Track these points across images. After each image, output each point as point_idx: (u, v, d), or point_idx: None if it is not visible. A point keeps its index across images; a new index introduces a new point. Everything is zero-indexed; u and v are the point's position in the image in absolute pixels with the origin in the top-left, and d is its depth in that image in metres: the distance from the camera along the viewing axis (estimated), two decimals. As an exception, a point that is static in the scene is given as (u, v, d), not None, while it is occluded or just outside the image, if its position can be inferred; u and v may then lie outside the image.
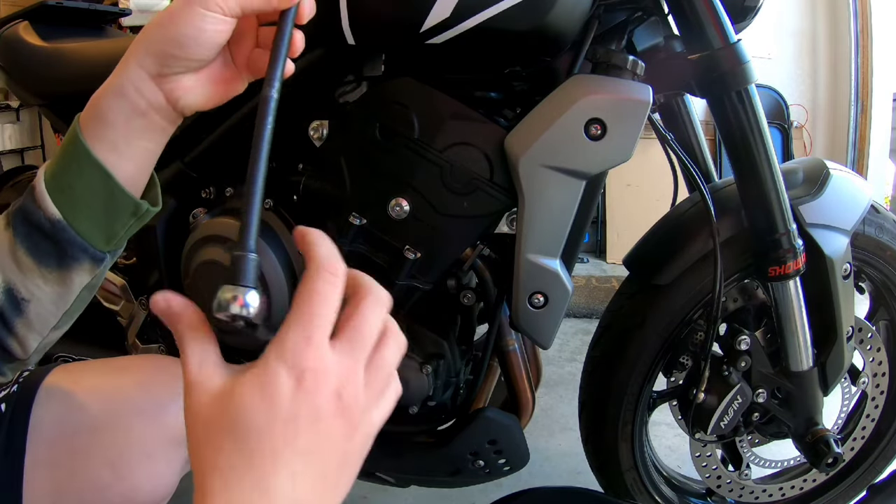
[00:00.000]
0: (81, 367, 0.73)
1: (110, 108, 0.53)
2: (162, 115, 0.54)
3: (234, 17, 0.50)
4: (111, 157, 0.52)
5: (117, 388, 0.69)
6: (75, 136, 0.52)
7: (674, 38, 0.92)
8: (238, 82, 0.56)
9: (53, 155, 0.54)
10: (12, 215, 0.53)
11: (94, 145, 0.51)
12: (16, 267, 0.52)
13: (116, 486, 0.66)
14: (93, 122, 0.52)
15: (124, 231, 0.55)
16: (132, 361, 0.80)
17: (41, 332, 0.55)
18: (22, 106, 3.07)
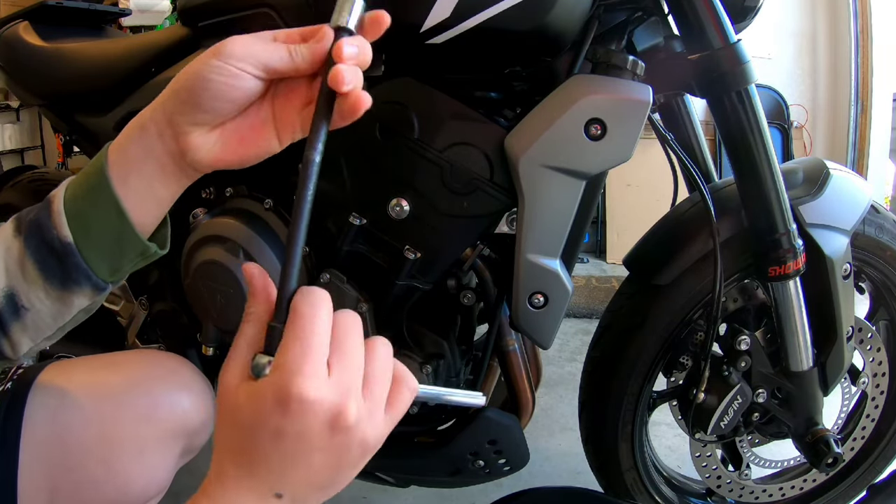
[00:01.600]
0: (75, 364, 0.74)
1: (132, 140, 0.52)
2: (176, 163, 0.53)
3: (255, 77, 0.47)
4: (130, 194, 0.52)
5: (110, 385, 0.69)
6: (101, 166, 0.51)
7: (674, 38, 0.92)
8: (270, 143, 0.52)
9: (80, 172, 0.53)
10: (26, 225, 0.53)
11: (116, 180, 0.51)
12: (21, 276, 0.52)
13: (111, 482, 0.66)
14: (119, 153, 0.52)
15: (130, 266, 0.55)
16: (125, 357, 0.80)
17: (34, 339, 0.55)
18: (22, 106, 3.07)
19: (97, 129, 1.07)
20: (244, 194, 0.96)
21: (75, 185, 0.53)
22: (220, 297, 0.91)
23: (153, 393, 0.71)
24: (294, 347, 0.38)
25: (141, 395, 0.70)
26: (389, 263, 0.85)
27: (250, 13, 0.87)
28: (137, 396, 0.69)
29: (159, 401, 0.70)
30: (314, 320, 0.39)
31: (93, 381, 0.69)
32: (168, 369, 0.75)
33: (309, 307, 0.40)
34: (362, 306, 0.86)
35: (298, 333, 0.38)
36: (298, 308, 0.40)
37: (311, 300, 0.40)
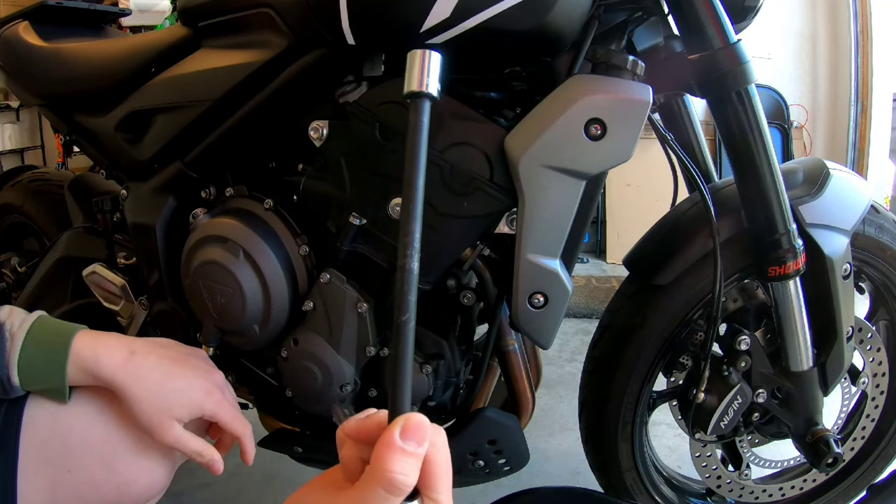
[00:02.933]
0: None
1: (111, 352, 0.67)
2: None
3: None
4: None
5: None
6: (66, 353, 0.64)
7: (674, 38, 0.92)
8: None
9: (42, 335, 0.65)
10: None
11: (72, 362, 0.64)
12: None
13: (111, 482, 0.66)
14: (90, 353, 0.66)
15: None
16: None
17: None
18: (22, 106, 3.07)
19: (97, 129, 1.07)
20: (244, 194, 0.96)
21: (34, 346, 0.64)
22: (220, 297, 0.91)
23: None
24: (447, 494, 0.40)
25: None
26: (389, 263, 0.85)
27: (250, 13, 0.87)
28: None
29: None
30: (449, 464, 0.41)
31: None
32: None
33: (446, 452, 0.42)
34: (362, 306, 0.86)
35: (448, 480, 0.41)
36: (440, 454, 0.41)
37: (444, 442, 0.42)
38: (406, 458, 0.38)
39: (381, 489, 0.37)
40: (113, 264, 1.12)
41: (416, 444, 0.39)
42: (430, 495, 0.40)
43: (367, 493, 0.38)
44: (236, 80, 0.88)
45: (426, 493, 0.40)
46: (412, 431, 0.39)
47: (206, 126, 0.93)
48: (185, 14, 0.97)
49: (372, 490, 0.38)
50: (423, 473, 0.39)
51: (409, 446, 0.38)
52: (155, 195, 1.02)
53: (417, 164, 0.45)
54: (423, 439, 0.39)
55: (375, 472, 0.38)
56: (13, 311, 0.66)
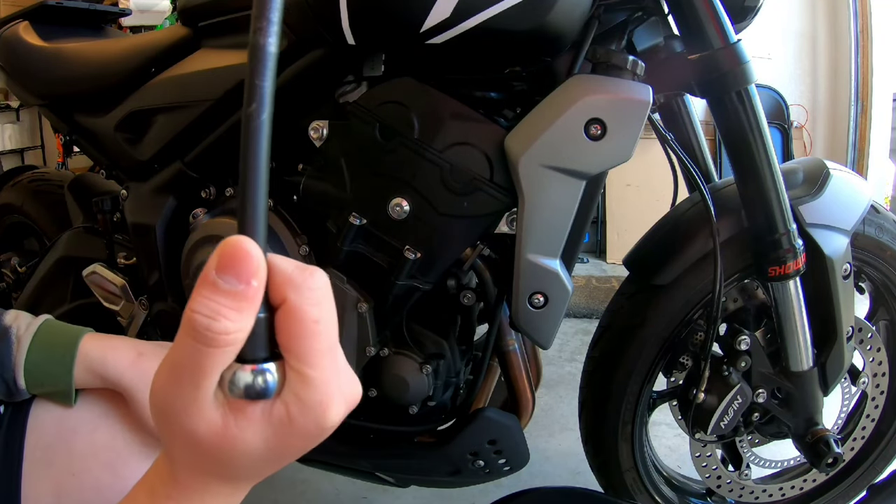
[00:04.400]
0: None
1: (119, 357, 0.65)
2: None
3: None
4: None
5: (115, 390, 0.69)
6: (73, 355, 0.63)
7: (674, 38, 0.92)
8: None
9: (49, 337, 0.65)
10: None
11: (79, 363, 0.64)
12: None
13: (116, 486, 0.66)
14: (98, 355, 0.64)
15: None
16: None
17: None
18: (22, 106, 3.07)
19: (97, 129, 1.07)
20: (244, 194, 0.96)
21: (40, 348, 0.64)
22: (220, 297, 0.91)
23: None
24: (320, 366, 0.30)
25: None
26: (389, 263, 0.85)
27: (250, 13, 0.87)
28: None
29: None
30: (325, 322, 0.30)
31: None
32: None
33: (316, 306, 0.30)
34: (362, 306, 0.86)
35: (319, 345, 0.30)
36: (301, 306, 0.30)
37: (314, 292, 0.30)
38: (216, 296, 0.28)
39: (190, 338, 0.29)
40: (113, 264, 1.12)
41: (235, 279, 0.29)
42: (291, 362, 0.30)
43: (176, 346, 0.29)
44: (236, 80, 0.88)
45: (288, 358, 0.30)
46: (230, 260, 0.29)
47: (206, 126, 0.93)
48: (185, 14, 0.97)
49: (180, 341, 0.29)
50: (282, 331, 0.30)
51: (223, 281, 0.29)
52: (155, 195, 1.02)
53: None
54: (248, 273, 0.29)
55: (184, 316, 0.29)
56: (19, 315, 0.66)
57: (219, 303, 0.28)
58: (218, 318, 0.28)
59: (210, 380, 0.29)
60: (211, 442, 0.30)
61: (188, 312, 0.29)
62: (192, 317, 0.28)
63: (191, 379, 0.29)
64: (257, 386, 0.30)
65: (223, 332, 0.28)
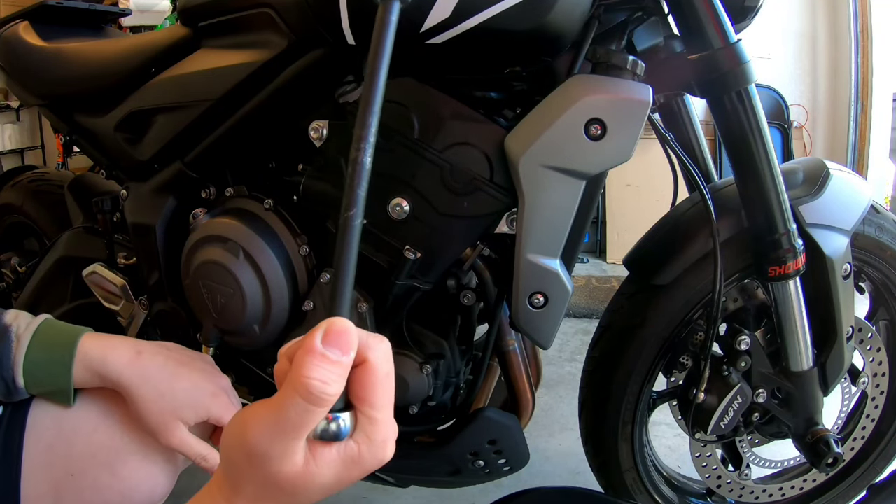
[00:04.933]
0: None
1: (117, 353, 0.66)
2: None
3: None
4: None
5: (114, 390, 0.69)
6: (72, 354, 0.64)
7: (674, 38, 0.92)
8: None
9: (48, 337, 0.65)
10: None
11: (78, 363, 0.64)
12: None
13: (115, 487, 0.66)
14: (98, 352, 0.65)
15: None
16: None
17: None
18: (22, 106, 3.07)
19: (97, 129, 1.07)
20: (244, 194, 0.96)
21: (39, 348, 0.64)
22: (220, 297, 0.91)
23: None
24: (385, 410, 0.38)
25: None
26: (389, 263, 0.85)
27: (250, 13, 0.87)
28: None
29: None
30: (390, 377, 0.38)
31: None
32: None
33: (386, 363, 0.38)
34: (362, 306, 0.86)
35: (386, 395, 0.37)
36: (377, 363, 0.37)
37: (384, 353, 0.38)
38: (326, 365, 0.35)
39: (299, 398, 0.35)
40: (113, 264, 1.12)
41: (340, 352, 0.35)
42: (363, 409, 0.37)
43: (284, 402, 0.35)
44: (236, 80, 0.88)
45: (360, 406, 0.37)
46: (334, 336, 0.36)
47: (207, 126, 0.93)
48: (185, 14, 0.97)
49: (290, 399, 0.35)
50: (358, 384, 0.37)
51: (330, 353, 0.35)
52: (155, 195, 1.02)
53: (381, 63, 0.43)
54: (348, 346, 0.36)
55: (292, 380, 0.35)
56: (19, 315, 0.66)
57: (330, 371, 0.35)
58: (331, 384, 0.35)
59: (308, 430, 0.36)
60: (291, 480, 0.36)
61: (302, 378, 0.34)
62: (308, 382, 0.34)
63: (294, 432, 0.35)
64: (334, 431, 0.36)
65: (333, 395, 0.35)
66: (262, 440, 0.36)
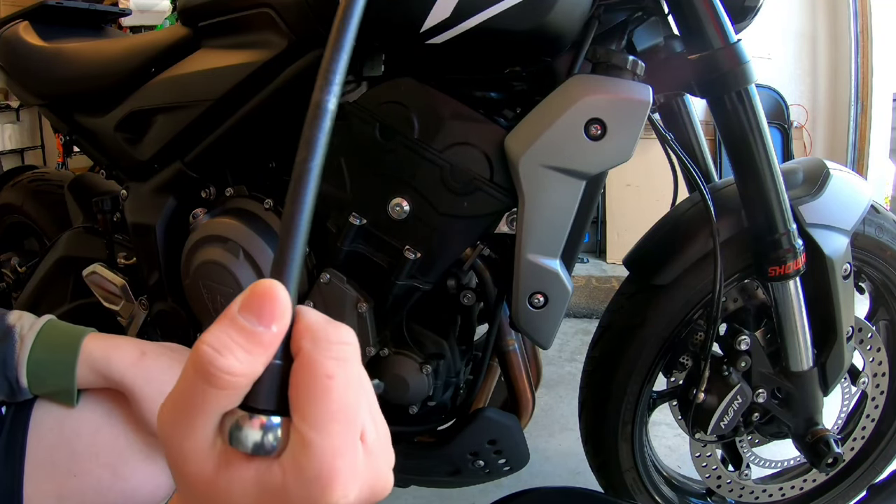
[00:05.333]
0: None
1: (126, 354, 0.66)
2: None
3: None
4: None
5: (117, 391, 0.69)
6: (75, 354, 0.64)
7: (674, 38, 0.92)
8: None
9: (51, 337, 0.65)
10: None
11: (82, 363, 0.64)
12: None
13: (117, 487, 0.66)
14: (101, 354, 0.65)
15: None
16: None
17: None
18: (22, 106, 3.07)
19: (97, 129, 1.07)
20: (244, 194, 0.96)
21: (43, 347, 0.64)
22: (220, 297, 0.91)
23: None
24: (327, 431, 0.26)
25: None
26: (389, 263, 0.85)
27: (250, 13, 0.87)
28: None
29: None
30: (341, 384, 0.27)
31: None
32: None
33: (331, 362, 0.27)
34: (362, 306, 0.86)
35: (329, 407, 0.26)
36: (314, 358, 0.27)
37: (335, 348, 0.27)
38: (230, 332, 0.26)
39: (192, 371, 0.26)
40: (113, 264, 1.12)
41: (256, 320, 0.26)
42: (296, 422, 0.26)
43: (182, 378, 0.27)
44: (236, 80, 0.88)
45: (294, 416, 0.27)
46: (255, 300, 0.27)
47: (207, 126, 0.93)
48: (185, 14, 0.97)
49: (185, 373, 0.27)
50: (294, 385, 0.27)
51: (243, 318, 0.26)
52: (155, 195, 1.02)
53: (354, 5, 0.38)
54: (271, 315, 0.27)
55: (192, 349, 0.27)
56: (23, 315, 0.66)
57: (231, 339, 0.26)
58: (225, 353, 0.26)
59: (205, 420, 0.27)
60: (198, 488, 0.28)
61: (197, 343, 0.27)
62: (200, 348, 0.26)
63: (189, 416, 0.27)
64: (255, 440, 0.26)
65: (226, 371, 0.26)
66: (163, 421, 0.28)
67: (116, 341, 0.67)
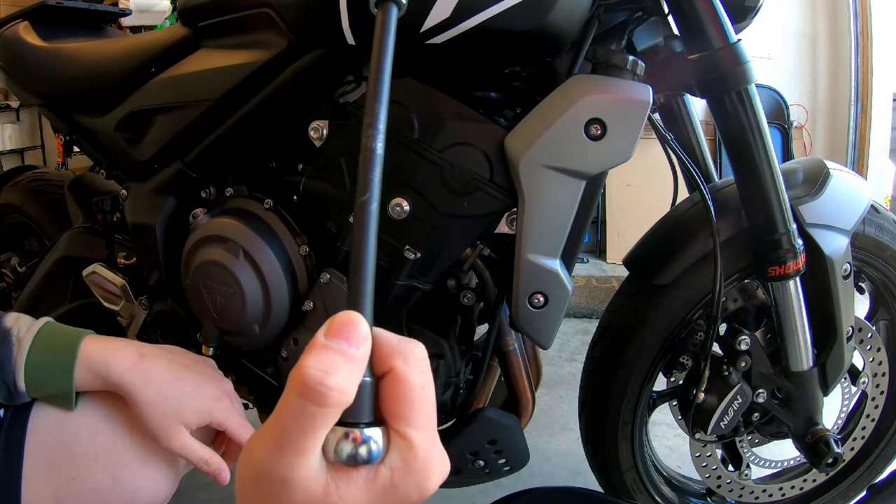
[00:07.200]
0: None
1: (121, 356, 0.66)
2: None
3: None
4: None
5: (115, 393, 0.69)
6: (74, 356, 0.64)
7: (674, 38, 0.92)
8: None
9: (49, 339, 0.65)
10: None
11: (80, 365, 0.64)
12: None
13: (116, 490, 0.66)
14: (100, 355, 0.65)
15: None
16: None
17: None
18: (22, 106, 3.07)
19: (97, 129, 1.07)
20: (244, 194, 0.96)
21: (41, 350, 0.64)
22: (219, 297, 0.91)
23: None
24: (424, 429, 0.31)
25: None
26: (389, 263, 0.85)
27: (250, 13, 0.87)
28: None
29: None
30: (427, 389, 0.31)
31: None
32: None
33: (418, 373, 0.31)
34: (362, 306, 0.86)
35: (422, 410, 0.31)
36: (405, 372, 0.31)
37: (416, 360, 0.32)
38: (328, 355, 0.29)
39: (297, 396, 0.28)
40: (113, 264, 1.12)
41: (346, 343, 0.29)
42: (395, 426, 0.30)
43: (283, 406, 0.29)
44: (236, 80, 0.88)
45: (391, 423, 0.30)
46: (338, 327, 0.30)
47: (207, 126, 0.93)
48: (185, 14, 0.97)
49: (288, 400, 0.29)
50: (387, 396, 0.30)
51: (334, 343, 0.29)
52: (155, 195, 1.02)
53: (384, 59, 0.40)
54: (357, 338, 0.29)
55: (290, 379, 0.29)
56: (20, 318, 0.66)
57: (332, 360, 0.28)
58: (332, 372, 0.28)
59: (315, 443, 0.29)
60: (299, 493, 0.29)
61: (299, 370, 0.28)
62: (305, 372, 0.28)
63: (296, 443, 0.29)
64: (363, 450, 0.29)
65: (336, 388, 0.28)
66: (264, 457, 0.30)
67: (115, 343, 0.66)
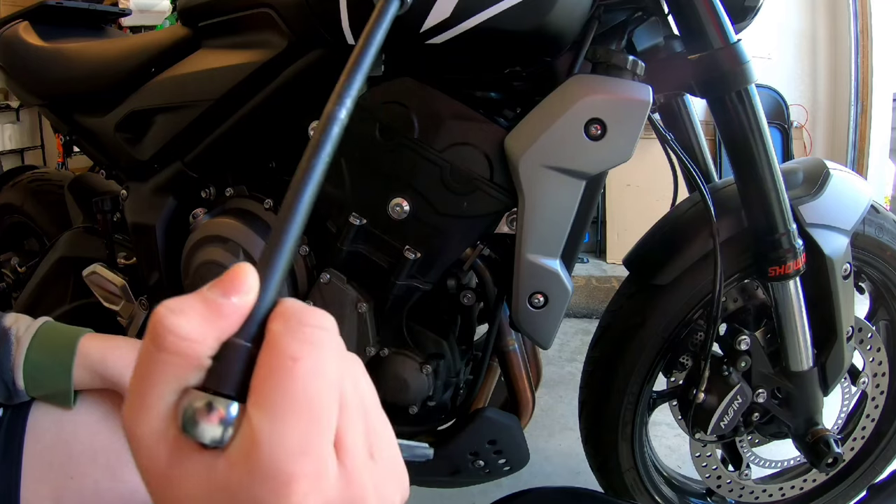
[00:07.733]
0: None
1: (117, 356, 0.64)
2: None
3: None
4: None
5: (115, 392, 0.69)
6: (72, 355, 0.63)
7: (674, 38, 0.92)
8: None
9: (48, 338, 0.65)
10: None
11: (79, 366, 0.63)
12: None
13: (115, 489, 0.66)
14: (98, 356, 0.64)
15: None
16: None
17: None
18: (22, 106, 3.07)
19: (97, 129, 1.07)
20: (244, 194, 0.96)
21: (40, 349, 0.63)
22: (220, 297, 0.91)
23: None
24: (286, 421, 0.22)
25: None
26: (389, 263, 0.85)
27: (250, 13, 0.87)
28: None
29: None
30: (319, 372, 0.23)
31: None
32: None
33: (299, 344, 0.23)
34: (362, 306, 0.86)
35: (291, 395, 0.22)
36: (279, 340, 0.24)
37: (307, 332, 0.24)
38: (191, 299, 0.24)
39: (147, 338, 0.23)
40: (113, 264, 1.12)
41: (220, 293, 0.25)
42: (249, 408, 0.22)
43: (138, 355, 0.24)
44: (236, 80, 0.88)
45: (249, 402, 0.23)
46: (224, 279, 0.25)
47: (206, 126, 0.93)
48: (185, 14, 0.97)
49: (141, 349, 0.24)
50: (255, 370, 0.23)
51: (209, 292, 0.25)
52: (155, 195, 1.02)
53: (371, 44, 0.37)
54: (234, 289, 0.25)
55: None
56: (19, 317, 0.66)
57: (188, 303, 0.24)
58: (179, 314, 0.23)
59: (158, 398, 0.23)
60: (151, 483, 0.24)
61: (153, 313, 0.24)
62: (155, 309, 0.24)
63: (140, 392, 0.23)
64: (208, 427, 0.22)
65: (175, 332, 0.23)
66: (125, 406, 0.24)
67: (114, 342, 0.66)
